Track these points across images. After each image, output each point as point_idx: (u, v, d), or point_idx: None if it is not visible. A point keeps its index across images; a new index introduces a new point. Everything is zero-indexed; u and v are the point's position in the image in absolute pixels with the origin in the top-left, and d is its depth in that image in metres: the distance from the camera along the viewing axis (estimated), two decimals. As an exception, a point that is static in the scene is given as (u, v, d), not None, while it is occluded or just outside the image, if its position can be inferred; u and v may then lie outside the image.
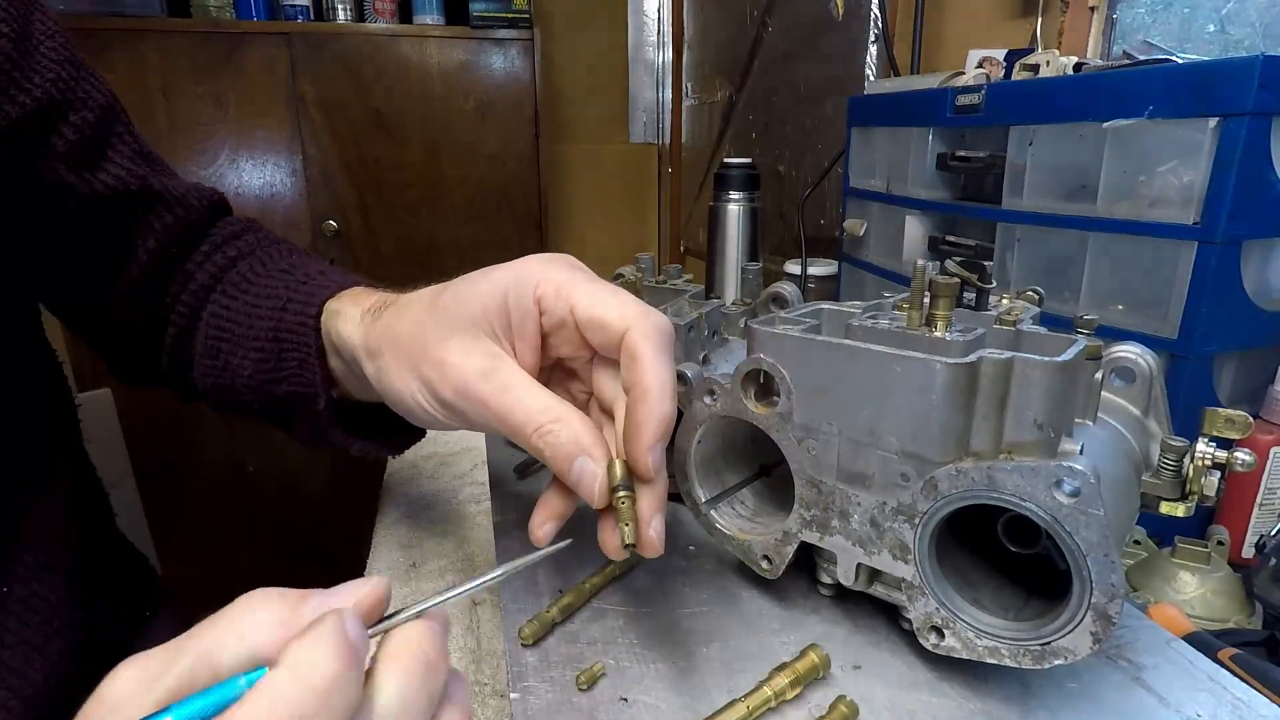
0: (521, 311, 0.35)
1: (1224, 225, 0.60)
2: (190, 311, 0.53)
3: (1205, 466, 0.39)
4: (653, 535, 0.33)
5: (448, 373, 0.35)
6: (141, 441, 1.29)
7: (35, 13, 0.46)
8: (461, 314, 0.35)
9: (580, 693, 0.35)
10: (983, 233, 0.87)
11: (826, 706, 0.34)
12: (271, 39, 1.65)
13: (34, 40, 0.45)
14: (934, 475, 0.33)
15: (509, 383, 0.34)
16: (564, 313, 0.35)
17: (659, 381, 0.33)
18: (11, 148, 0.44)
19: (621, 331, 0.34)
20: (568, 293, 0.35)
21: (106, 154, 0.49)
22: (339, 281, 0.47)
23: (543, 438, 0.33)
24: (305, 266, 0.51)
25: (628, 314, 0.34)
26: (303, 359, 0.45)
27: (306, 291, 0.46)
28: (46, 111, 0.45)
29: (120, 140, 0.50)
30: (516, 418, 0.33)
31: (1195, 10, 1.06)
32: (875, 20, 1.31)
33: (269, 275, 0.51)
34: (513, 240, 1.91)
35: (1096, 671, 0.37)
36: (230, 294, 0.51)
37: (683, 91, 2.28)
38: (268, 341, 0.47)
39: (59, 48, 0.46)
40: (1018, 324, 0.38)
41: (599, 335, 0.34)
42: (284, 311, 0.47)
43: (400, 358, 0.37)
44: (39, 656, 0.44)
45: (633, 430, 0.33)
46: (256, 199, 1.72)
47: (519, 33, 1.79)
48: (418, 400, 0.37)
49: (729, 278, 1.06)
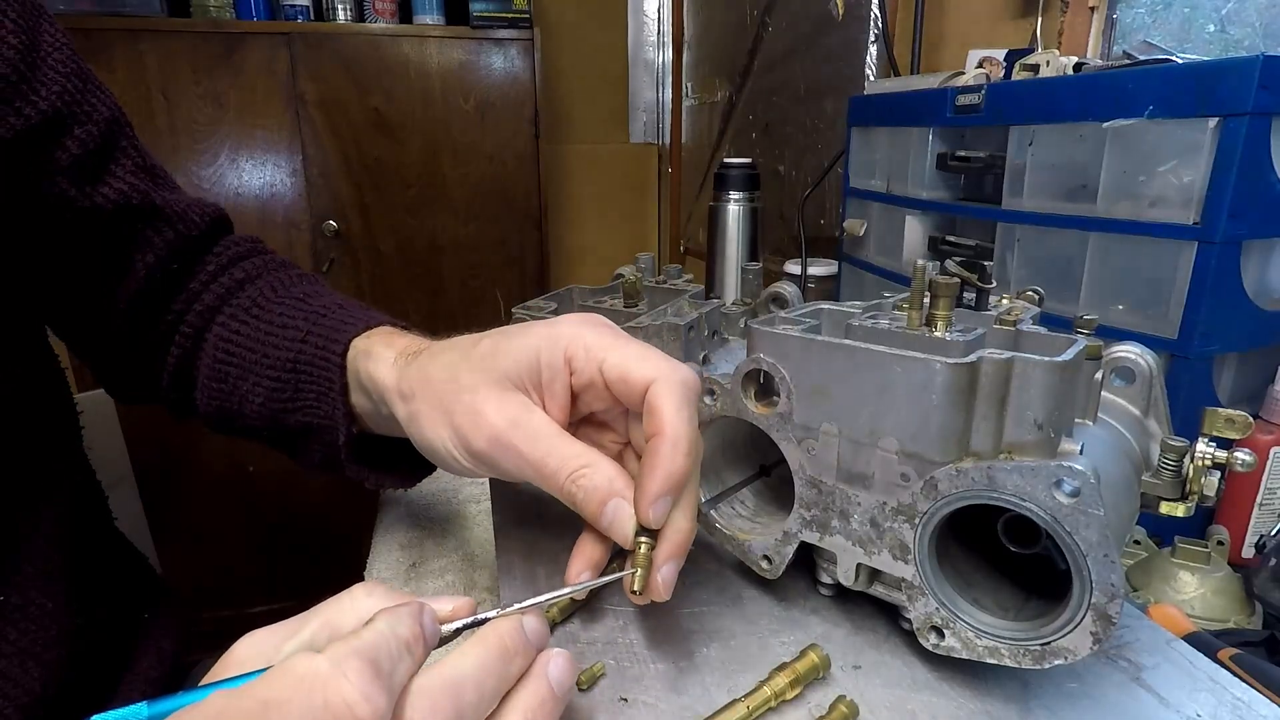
0: (552, 370, 0.36)
1: (1224, 225, 0.60)
2: (195, 333, 0.53)
3: (1205, 466, 0.39)
4: (658, 582, 0.34)
5: (480, 422, 0.35)
6: (141, 442, 1.29)
7: (43, 24, 0.46)
8: (495, 367, 0.36)
9: (580, 693, 0.35)
10: (983, 233, 0.87)
11: (826, 706, 0.34)
12: (271, 39, 1.65)
13: (42, 52, 0.45)
14: (934, 475, 0.33)
15: (541, 432, 0.35)
16: (593, 372, 0.36)
17: (673, 435, 0.33)
18: (15, 159, 0.43)
19: (645, 385, 0.34)
20: (598, 352, 0.36)
21: (110, 168, 0.49)
22: (363, 318, 0.47)
23: (576, 482, 0.34)
24: (321, 297, 0.51)
25: (651, 369, 0.35)
26: (322, 392, 0.45)
27: (329, 326, 0.47)
28: (52, 124, 0.45)
29: (124, 154, 0.50)
30: (551, 464, 0.34)
31: (1195, 10, 1.06)
32: (875, 20, 1.31)
33: (281, 302, 0.51)
34: (513, 240, 1.91)
35: (1096, 671, 0.37)
36: (241, 319, 0.51)
37: (683, 91, 2.28)
38: (285, 371, 0.47)
39: (66, 60, 0.46)
40: (1018, 324, 0.38)
41: (624, 390, 0.35)
42: (304, 344, 0.47)
43: (434, 405, 0.38)
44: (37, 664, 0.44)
45: (643, 480, 0.33)
46: (256, 199, 1.72)
47: (519, 33, 1.79)
48: (449, 449, 0.37)
49: (729, 278, 1.06)
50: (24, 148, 0.44)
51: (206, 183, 1.68)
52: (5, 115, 0.42)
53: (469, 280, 1.90)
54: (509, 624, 0.28)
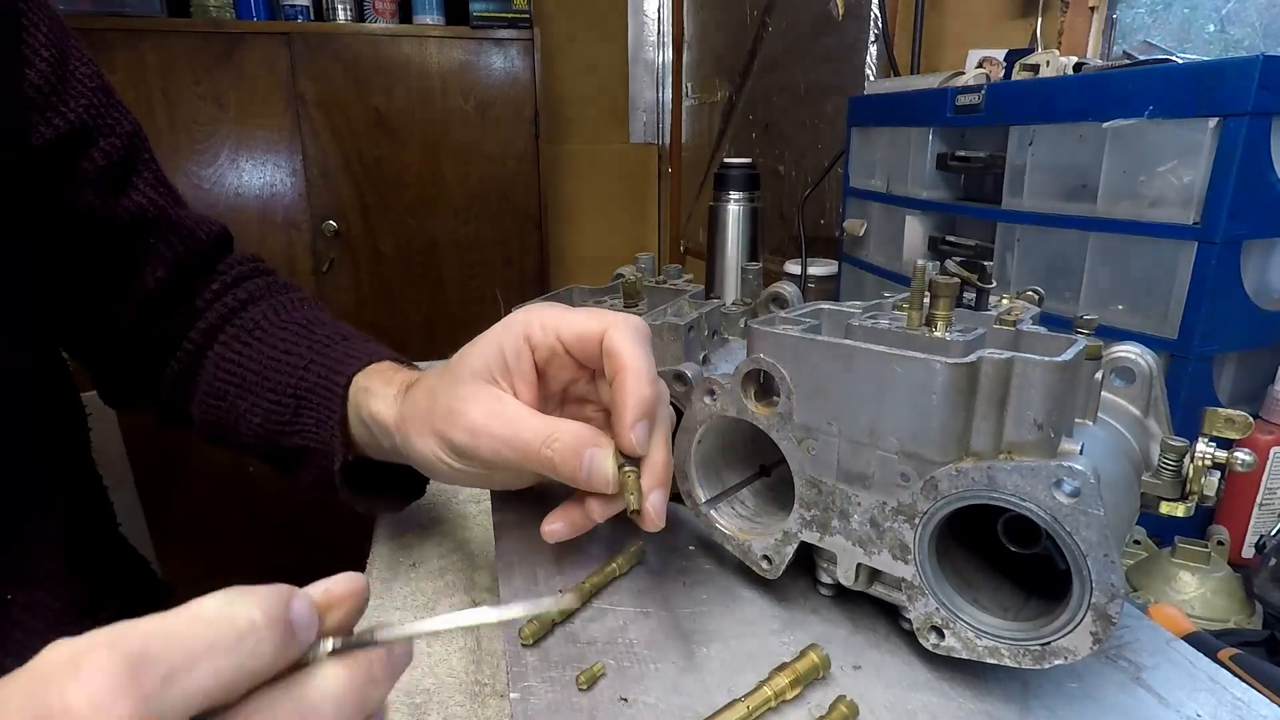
0: (514, 351, 0.39)
1: (1224, 225, 0.60)
2: (196, 349, 0.55)
3: (1205, 466, 0.39)
4: (649, 508, 0.37)
5: (457, 418, 0.38)
6: (141, 442, 1.29)
7: (70, 40, 0.49)
8: (463, 371, 0.40)
9: (580, 693, 0.35)
10: (983, 233, 0.87)
11: (826, 706, 0.34)
12: (271, 39, 1.65)
13: (70, 66, 0.48)
14: (934, 475, 0.33)
15: (513, 413, 0.38)
16: (552, 341, 0.39)
17: (635, 366, 0.37)
18: (42, 168, 0.46)
19: (600, 334, 0.38)
20: (553, 324, 0.39)
21: (131, 180, 0.51)
22: (365, 352, 0.50)
23: (550, 445, 0.36)
24: (324, 326, 0.53)
25: (603, 321, 0.38)
26: (321, 419, 0.48)
27: (332, 357, 0.50)
28: (79, 135, 0.48)
29: (145, 167, 0.53)
30: (525, 436, 0.37)
31: (1195, 10, 1.06)
32: (875, 20, 1.31)
33: (285, 327, 0.53)
34: (513, 240, 1.91)
35: (1096, 671, 0.37)
36: (243, 339, 0.53)
37: (683, 91, 2.28)
38: (285, 396, 0.49)
39: (92, 75, 0.49)
40: (1018, 324, 0.38)
41: (584, 347, 0.39)
42: (306, 371, 0.49)
43: (419, 421, 0.41)
44: None
45: (617, 412, 0.36)
46: (256, 199, 1.72)
47: (519, 33, 1.79)
48: (435, 454, 0.40)
49: (729, 278, 1.06)
50: (52, 156, 0.46)
51: (206, 183, 1.68)
52: (37, 124, 0.45)
53: (469, 280, 1.90)
54: (382, 657, 0.23)
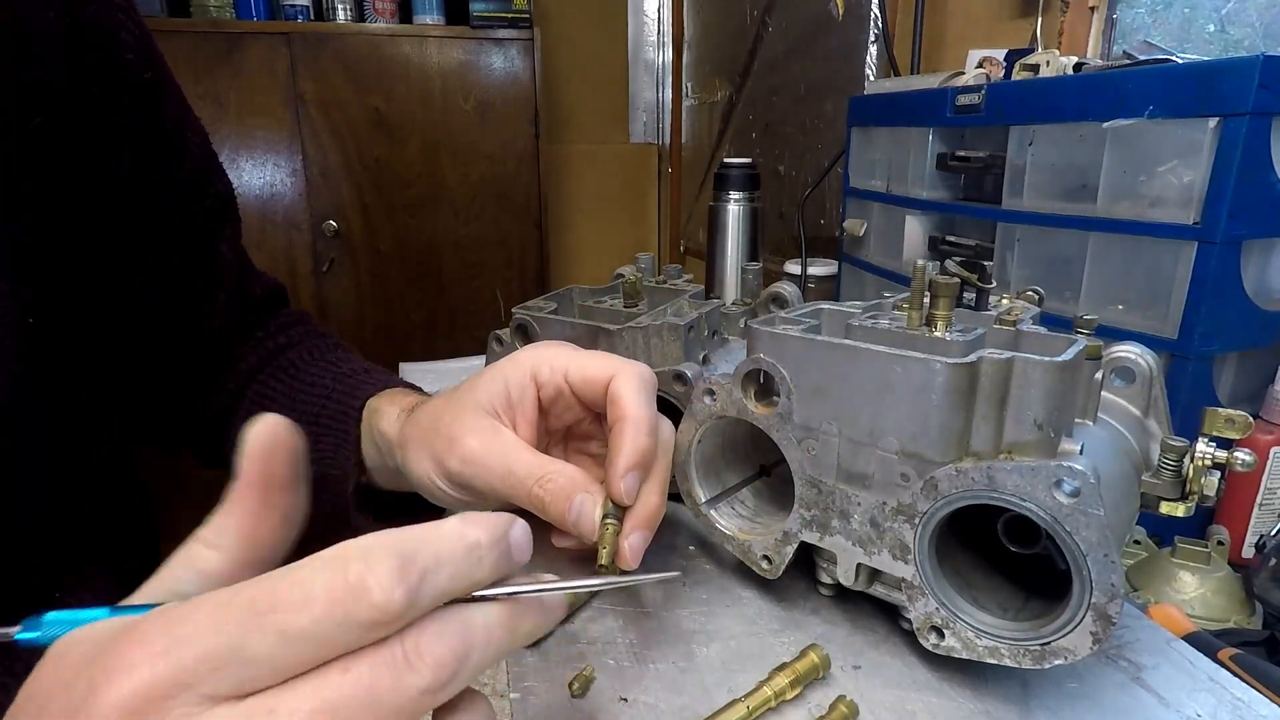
0: (519, 388, 0.39)
1: (1224, 225, 0.60)
2: (236, 390, 0.57)
3: (1205, 466, 0.39)
4: (625, 549, 0.35)
5: (454, 446, 0.39)
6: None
7: (190, 115, 0.53)
8: (468, 400, 0.40)
9: (574, 698, 0.35)
10: (983, 233, 0.87)
11: (826, 706, 0.34)
12: (271, 39, 1.65)
13: (209, 146, 0.53)
14: (934, 475, 0.33)
15: (509, 448, 0.38)
16: (559, 381, 0.39)
17: (635, 415, 0.36)
18: (192, 237, 0.52)
19: (606, 380, 0.38)
20: (561, 365, 0.39)
21: (223, 230, 0.55)
22: (382, 380, 0.52)
23: (543, 485, 0.36)
24: (350, 362, 0.55)
25: (611, 366, 0.38)
26: (338, 443, 0.49)
27: (350, 385, 0.51)
28: (224, 205, 0.54)
29: (230, 226, 0.56)
30: (518, 473, 0.37)
31: (1195, 10, 1.06)
32: (875, 20, 1.31)
33: (313, 364, 0.55)
34: (512, 240, 1.91)
35: (1096, 671, 0.37)
36: (278, 378, 0.55)
37: (683, 91, 2.28)
38: (307, 424, 0.50)
39: (204, 141, 0.53)
40: (1018, 324, 0.38)
41: (589, 390, 0.39)
42: (327, 399, 0.51)
43: (420, 443, 0.41)
44: None
45: (611, 459, 0.36)
46: (256, 199, 1.72)
47: (519, 33, 1.79)
48: (431, 478, 0.40)
49: (729, 278, 1.06)
50: (200, 222, 0.52)
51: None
52: (202, 199, 0.52)
53: (469, 280, 1.90)
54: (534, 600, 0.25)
